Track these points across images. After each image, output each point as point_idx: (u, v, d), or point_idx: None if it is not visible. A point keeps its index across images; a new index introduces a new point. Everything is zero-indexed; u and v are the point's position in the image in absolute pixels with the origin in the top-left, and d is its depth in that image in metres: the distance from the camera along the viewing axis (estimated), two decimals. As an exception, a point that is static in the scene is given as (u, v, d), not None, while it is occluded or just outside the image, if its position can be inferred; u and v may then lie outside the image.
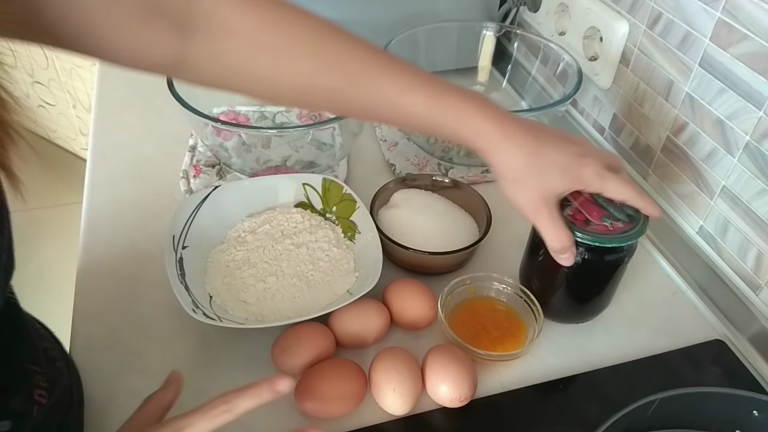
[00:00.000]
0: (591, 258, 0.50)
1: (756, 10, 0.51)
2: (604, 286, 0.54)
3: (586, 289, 0.54)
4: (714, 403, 0.46)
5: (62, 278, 1.63)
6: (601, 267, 0.52)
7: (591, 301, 0.55)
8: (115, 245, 0.62)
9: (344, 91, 0.45)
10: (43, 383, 0.40)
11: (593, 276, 0.53)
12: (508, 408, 0.50)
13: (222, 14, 0.41)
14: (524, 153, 0.46)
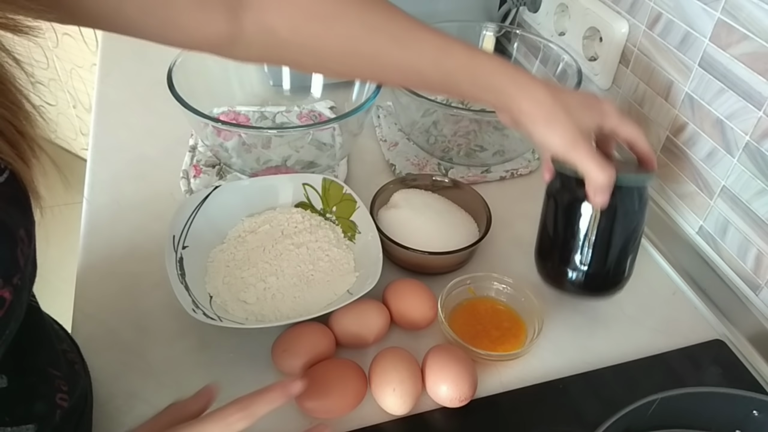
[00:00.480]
0: (619, 201, 0.49)
1: (756, 10, 0.51)
2: (630, 238, 0.53)
3: (614, 242, 0.52)
4: (714, 403, 0.46)
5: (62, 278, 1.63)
6: (627, 210, 0.51)
7: (618, 262, 0.54)
8: (116, 245, 0.62)
9: (390, 54, 0.47)
10: (64, 387, 0.40)
11: (621, 223, 0.51)
12: (508, 408, 0.50)
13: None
14: (551, 93, 0.48)
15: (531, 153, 0.77)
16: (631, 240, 0.53)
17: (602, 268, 0.53)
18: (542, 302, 0.55)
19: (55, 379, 0.40)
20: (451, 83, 0.49)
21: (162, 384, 0.51)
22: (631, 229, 0.52)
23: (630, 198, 0.50)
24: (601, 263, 0.53)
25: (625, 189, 0.49)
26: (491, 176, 0.73)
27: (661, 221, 0.66)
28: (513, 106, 0.48)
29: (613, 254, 0.53)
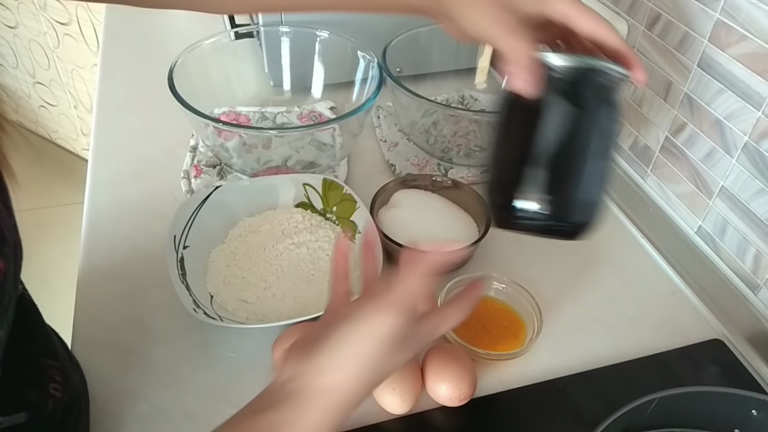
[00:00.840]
0: (580, 95, 0.38)
1: (755, 11, 0.51)
2: (597, 152, 0.40)
3: (576, 156, 0.40)
4: (713, 403, 0.46)
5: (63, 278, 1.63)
6: (591, 112, 0.39)
7: (582, 185, 0.41)
8: (117, 245, 0.63)
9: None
10: (58, 377, 0.41)
11: (583, 128, 0.40)
12: (508, 407, 0.51)
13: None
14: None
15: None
16: (597, 155, 0.41)
17: (562, 193, 0.40)
18: (541, 302, 0.55)
19: (50, 368, 0.40)
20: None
21: (163, 383, 0.51)
22: (597, 140, 0.40)
23: (593, 92, 0.39)
24: (559, 183, 0.40)
25: (585, 77, 0.38)
26: (491, 176, 0.73)
27: (660, 221, 0.66)
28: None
29: (574, 173, 0.40)
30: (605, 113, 0.40)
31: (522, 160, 0.40)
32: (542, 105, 0.38)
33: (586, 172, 0.41)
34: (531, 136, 0.39)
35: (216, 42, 0.72)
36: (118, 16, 1.02)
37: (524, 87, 0.39)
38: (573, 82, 0.38)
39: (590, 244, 0.66)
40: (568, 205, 0.41)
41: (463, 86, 0.86)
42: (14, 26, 1.77)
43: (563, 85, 0.38)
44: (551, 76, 0.38)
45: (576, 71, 0.38)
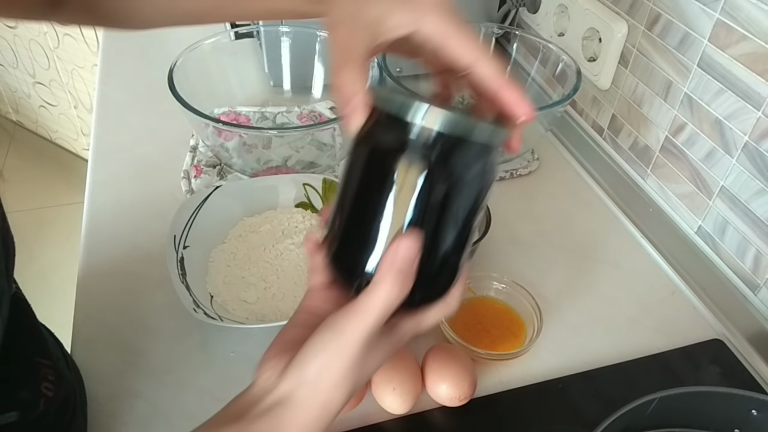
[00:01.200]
0: (436, 152, 0.30)
1: (755, 11, 0.51)
2: (461, 228, 0.32)
3: (437, 231, 0.31)
4: (713, 403, 0.46)
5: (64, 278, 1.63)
6: (457, 176, 0.31)
7: (435, 254, 0.32)
8: (117, 245, 0.63)
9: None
10: (50, 376, 0.41)
11: (452, 197, 0.31)
12: (508, 407, 0.51)
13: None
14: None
15: (530, 153, 0.77)
16: (456, 230, 0.32)
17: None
18: (541, 302, 0.55)
19: (42, 367, 0.40)
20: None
21: (163, 383, 0.51)
22: (460, 214, 0.32)
23: (458, 156, 0.30)
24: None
25: (450, 142, 0.30)
26: (491, 176, 0.73)
27: (660, 221, 0.66)
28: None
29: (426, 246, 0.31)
30: (470, 182, 0.32)
31: (367, 222, 0.31)
32: (391, 161, 0.30)
33: (440, 248, 0.32)
34: (378, 197, 0.31)
35: (216, 42, 0.72)
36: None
37: (352, 119, 0.32)
38: (433, 144, 0.30)
39: (590, 245, 0.66)
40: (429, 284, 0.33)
41: (463, 86, 0.86)
42: (14, 26, 1.78)
43: (422, 146, 0.30)
44: (408, 132, 0.30)
45: (440, 134, 0.29)
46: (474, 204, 0.32)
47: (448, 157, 0.30)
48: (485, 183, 0.33)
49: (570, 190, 0.74)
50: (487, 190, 0.33)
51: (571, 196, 0.73)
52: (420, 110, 0.29)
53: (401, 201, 0.30)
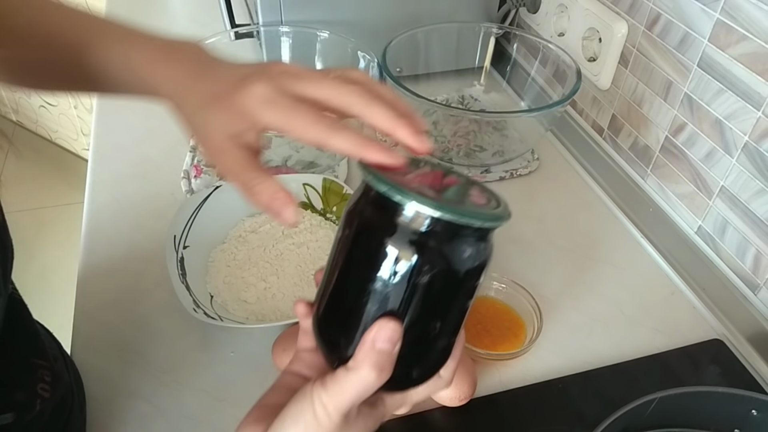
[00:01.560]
0: (436, 243, 0.28)
1: (755, 11, 0.51)
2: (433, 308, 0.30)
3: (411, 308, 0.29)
4: (713, 403, 0.46)
5: (64, 278, 1.63)
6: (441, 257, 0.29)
7: (421, 344, 0.31)
8: (117, 245, 0.63)
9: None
10: (47, 377, 0.41)
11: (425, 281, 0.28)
12: (508, 407, 0.51)
13: None
14: (186, 83, 0.36)
15: (530, 153, 0.77)
16: (442, 324, 0.31)
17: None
18: (541, 302, 0.55)
19: (39, 368, 0.40)
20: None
21: (163, 383, 0.51)
22: (442, 303, 0.30)
23: (449, 241, 0.28)
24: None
25: (436, 223, 0.28)
26: (491, 176, 0.73)
27: (660, 221, 0.66)
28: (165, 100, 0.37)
29: (412, 336, 0.29)
30: (461, 268, 0.29)
31: (350, 299, 0.30)
32: (379, 241, 0.28)
33: (428, 334, 0.30)
34: (363, 275, 0.29)
35: (216, 42, 0.72)
36: (118, 16, 1.02)
37: (285, 218, 0.32)
38: (424, 229, 0.28)
39: (590, 245, 0.66)
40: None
41: (463, 86, 0.86)
42: (14, 26, 1.77)
43: (412, 230, 0.28)
44: (398, 214, 0.28)
45: (432, 219, 0.27)
46: (465, 290, 0.30)
47: (438, 242, 0.28)
48: (477, 268, 0.30)
49: (570, 190, 0.74)
50: (480, 274, 0.31)
51: (571, 196, 0.73)
52: (410, 194, 0.27)
53: (387, 284, 0.28)
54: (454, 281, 0.29)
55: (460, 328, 0.32)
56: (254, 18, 0.80)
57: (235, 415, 0.50)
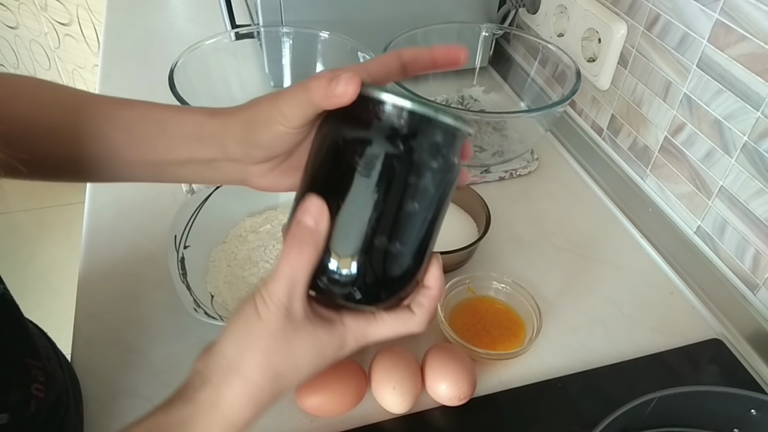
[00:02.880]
0: (404, 137, 0.30)
1: (754, 11, 0.51)
2: (410, 207, 0.31)
3: (387, 207, 0.31)
4: (712, 402, 0.46)
5: (64, 278, 1.63)
6: (420, 156, 0.31)
7: (394, 245, 0.31)
8: (117, 245, 0.63)
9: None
10: (40, 377, 0.40)
11: (404, 178, 0.30)
12: (508, 406, 0.51)
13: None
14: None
15: (530, 154, 0.77)
16: (418, 221, 0.32)
17: (366, 257, 0.31)
18: (541, 302, 0.55)
19: (32, 369, 0.40)
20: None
21: (163, 383, 0.51)
22: (418, 201, 0.31)
23: (426, 145, 0.31)
24: (362, 246, 0.31)
25: (419, 126, 0.30)
26: (490, 177, 0.73)
27: (659, 221, 0.67)
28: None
29: (384, 235, 0.31)
30: (435, 170, 0.31)
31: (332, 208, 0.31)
32: (360, 146, 0.30)
33: (400, 238, 0.31)
34: (344, 181, 0.31)
35: (216, 42, 0.72)
36: (119, 16, 1.02)
37: (339, 99, 0.31)
38: (404, 129, 0.30)
39: (589, 245, 0.66)
40: (369, 272, 0.31)
41: (462, 86, 0.86)
42: (15, 27, 1.78)
43: (390, 128, 0.30)
44: (378, 116, 0.31)
45: (411, 117, 0.30)
46: (426, 198, 0.31)
47: (412, 139, 0.30)
48: (440, 173, 0.31)
49: (569, 191, 0.74)
50: (443, 185, 0.32)
51: (571, 196, 0.73)
52: (386, 91, 0.30)
53: (358, 182, 0.30)
54: (421, 183, 0.31)
55: (426, 254, 0.33)
56: (254, 18, 0.80)
57: (235, 414, 0.50)
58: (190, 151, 0.39)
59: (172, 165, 0.40)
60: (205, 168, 0.39)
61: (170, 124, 0.39)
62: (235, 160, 0.38)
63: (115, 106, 0.41)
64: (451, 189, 0.33)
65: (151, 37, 0.97)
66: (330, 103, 0.31)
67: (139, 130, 0.39)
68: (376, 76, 0.35)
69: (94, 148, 0.39)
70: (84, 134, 0.39)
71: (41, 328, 0.50)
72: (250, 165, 0.38)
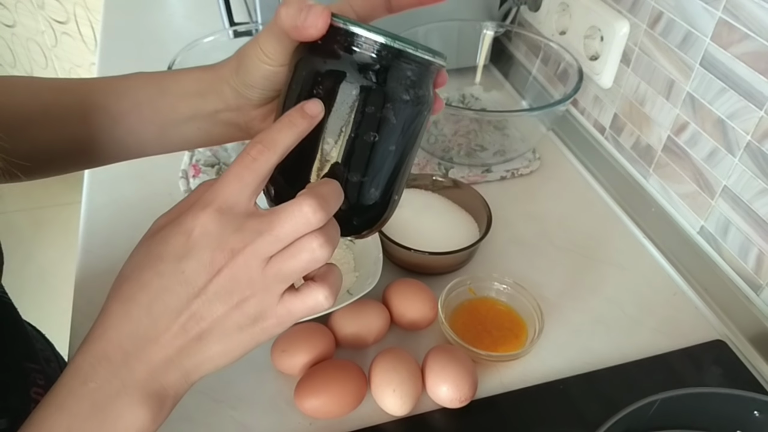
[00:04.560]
0: (377, 70, 0.31)
1: (757, 10, 0.51)
2: (384, 139, 0.32)
3: (360, 140, 0.32)
4: (715, 404, 0.46)
5: (62, 278, 1.63)
6: (393, 90, 0.32)
7: (367, 175, 0.33)
8: (114, 245, 0.62)
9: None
10: (40, 381, 0.40)
11: (377, 112, 0.32)
12: (509, 408, 0.50)
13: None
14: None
15: (532, 153, 0.77)
16: (390, 152, 0.33)
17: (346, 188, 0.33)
18: (543, 302, 0.55)
19: (32, 372, 0.40)
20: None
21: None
22: (391, 133, 0.32)
23: (397, 79, 0.32)
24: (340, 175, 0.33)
25: (390, 59, 0.31)
26: (492, 176, 0.73)
27: (662, 221, 0.66)
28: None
29: (357, 167, 0.33)
30: (405, 103, 0.32)
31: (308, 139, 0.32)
32: (332, 79, 0.31)
33: (373, 169, 0.33)
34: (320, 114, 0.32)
35: (214, 40, 0.72)
36: (116, 15, 1.02)
37: (309, 32, 0.31)
38: (375, 61, 0.31)
39: (592, 245, 0.66)
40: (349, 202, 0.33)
41: (463, 85, 0.86)
42: (12, 25, 1.77)
43: (364, 62, 0.31)
44: (349, 49, 0.31)
45: (382, 50, 0.31)
46: (400, 131, 0.33)
47: (387, 71, 0.31)
48: (417, 112, 0.33)
49: (571, 190, 0.73)
50: (419, 123, 0.33)
51: (573, 196, 0.72)
52: (353, 22, 0.31)
53: (326, 115, 0.32)
54: (385, 114, 0.32)
55: (395, 185, 0.35)
56: (253, 16, 0.80)
57: (234, 416, 0.50)
58: (194, 106, 0.39)
59: (176, 124, 0.40)
60: (210, 123, 0.39)
61: (169, 84, 0.40)
62: (236, 108, 0.38)
63: (110, 80, 0.41)
64: (424, 121, 0.34)
65: (149, 35, 0.97)
66: (299, 35, 0.31)
67: (139, 94, 0.40)
68: (360, 12, 0.35)
69: (96, 122, 0.40)
70: (84, 109, 0.40)
71: (39, 329, 0.50)
72: (251, 110, 0.38)
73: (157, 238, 0.30)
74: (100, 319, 0.30)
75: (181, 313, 0.29)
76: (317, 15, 0.30)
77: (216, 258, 0.28)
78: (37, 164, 0.41)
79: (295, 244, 0.29)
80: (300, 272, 0.30)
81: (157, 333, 0.29)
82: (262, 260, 0.29)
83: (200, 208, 0.29)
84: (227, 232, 0.29)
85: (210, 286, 0.29)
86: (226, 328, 0.29)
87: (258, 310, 0.30)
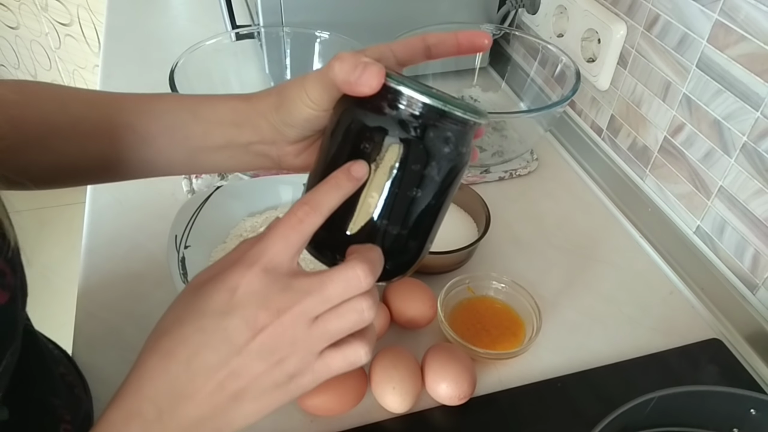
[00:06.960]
0: (425, 129, 0.31)
1: (753, 12, 0.51)
2: (421, 194, 0.33)
3: (401, 195, 0.33)
4: (711, 402, 0.46)
5: (65, 278, 1.63)
6: (433, 146, 0.32)
7: (402, 229, 0.34)
8: (118, 245, 0.63)
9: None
10: (67, 416, 0.39)
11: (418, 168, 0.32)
12: (507, 406, 0.51)
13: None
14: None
15: (530, 154, 0.77)
16: (428, 209, 0.34)
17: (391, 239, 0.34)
18: (541, 301, 0.55)
19: (57, 408, 0.39)
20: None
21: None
22: (428, 190, 0.33)
23: (437, 136, 0.32)
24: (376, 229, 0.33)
25: (432, 116, 0.31)
26: (490, 177, 0.74)
27: (658, 221, 0.67)
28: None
29: (395, 222, 0.33)
30: (445, 159, 0.33)
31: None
32: (379, 135, 0.32)
33: (413, 222, 0.34)
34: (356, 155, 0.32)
35: (217, 43, 0.72)
36: (120, 17, 1.02)
37: (360, 83, 0.30)
38: (423, 121, 0.31)
39: (589, 245, 0.67)
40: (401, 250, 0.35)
41: (462, 86, 0.86)
42: (15, 27, 1.78)
43: (412, 121, 0.31)
44: (398, 108, 0.31)
45: (432, 111, 0.31)
46: (438, 185, 0.33)
47: (434, 130, 0.32)
48: (454, 168, 0.33)
49: (569, 191, 0.74)
50: (456, 178, 0.34)
51: (570, 197, 0.73)
52: (405, 83, 0.31)
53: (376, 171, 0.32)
54: (425, 169, 0.32)
55: (429, 236, 0.36)
56: (255, 19, 0.81)
57: (235, 413, 0.50)
58: (228, 136, 0.39)
59: (207, 151, 0.40)
60: (242, 152, 0.40)
61: (204, 111, 0.39)
62: (271, 142, 0.38)
63: (141, 98, 0.41)
64: (459, 176, 0.34)
65: (152, 38, 0.97)
66: (350, 90, 0.31)
67: (171, 118, 0.40)
68: (401, 58, 0.36)
69: (125, 141, 0.39)
70: (113, 127, 0.39)
71: (60, 346, 0.49)
72: (286, 145, 0.38)
73: (199, 294, 0.30)
74: (135, 372, 0.30)
75: (220, 370, 0.29)
76: (372, 75, 0.30)
77: (260, 316, 0.29)
78: (58, 176, 0.41)
79: (344, 304, 0.30)
80: (345, 332, 0.30)
81: (194, 390, 0.29)
82: (309, 319, 0.29)
83: (246, 266, 0.30)
84: (273, 291, 0.29)
85: (252, 344, 0.29)
86: (263, 386, 0.30)
87: (298, 367, 0.30)
